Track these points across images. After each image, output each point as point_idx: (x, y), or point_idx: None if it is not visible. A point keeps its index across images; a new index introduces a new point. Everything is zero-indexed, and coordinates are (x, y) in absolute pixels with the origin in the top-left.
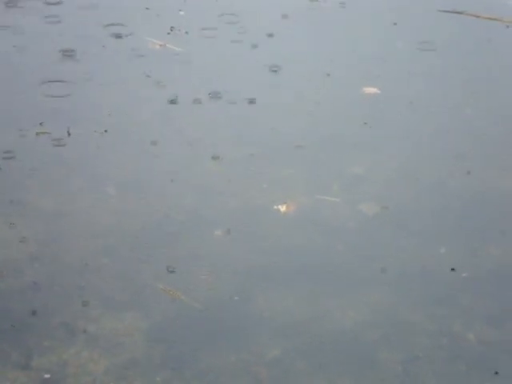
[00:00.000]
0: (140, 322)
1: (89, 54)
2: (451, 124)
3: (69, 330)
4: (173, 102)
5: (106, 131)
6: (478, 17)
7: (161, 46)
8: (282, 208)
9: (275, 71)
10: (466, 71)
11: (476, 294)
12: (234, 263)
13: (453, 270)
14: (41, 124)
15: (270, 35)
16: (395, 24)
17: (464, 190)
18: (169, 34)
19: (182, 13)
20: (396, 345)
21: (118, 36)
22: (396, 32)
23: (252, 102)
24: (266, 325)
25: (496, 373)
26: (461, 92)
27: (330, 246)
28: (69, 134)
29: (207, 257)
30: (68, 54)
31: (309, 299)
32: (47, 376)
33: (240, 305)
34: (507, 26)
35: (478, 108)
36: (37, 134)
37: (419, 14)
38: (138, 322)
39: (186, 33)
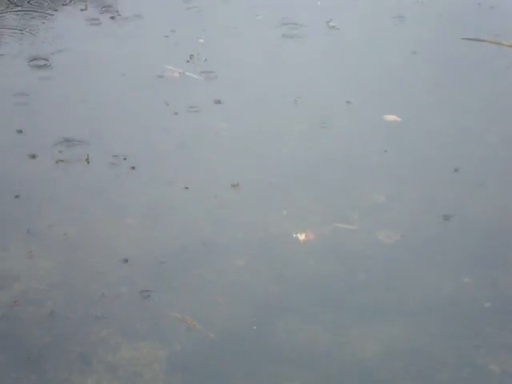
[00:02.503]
0: (158, 352)
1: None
2: (472, 151)
3: (87, 360)
4: (192, 129)
5: (124, 159)
6: (499, 44)
7: (180, 73)
8: (301, 236)
9: (295, 100)
10: (486, 98)
11: (499, 324)
12: (252, 292)
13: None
14: (60, 152)
15: (292, 62)
16: (414, 53)
17: (485, 218)
18: (188, 61)
19: (201, 41)
20: (417, 376)
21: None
22: (418, 60)
23: (271, 129)
24: (285, 355)
25: None
26: (482, 119)
27: (350, 275)
28: (88, 162)
29: (226, 285)
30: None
31: (328, 329)
32: None
33: (259, 334)
34: None
35: (500, 135)
36: (56, 161)
37: (441, 42)
38: (156, 351)
39: (205, 60)
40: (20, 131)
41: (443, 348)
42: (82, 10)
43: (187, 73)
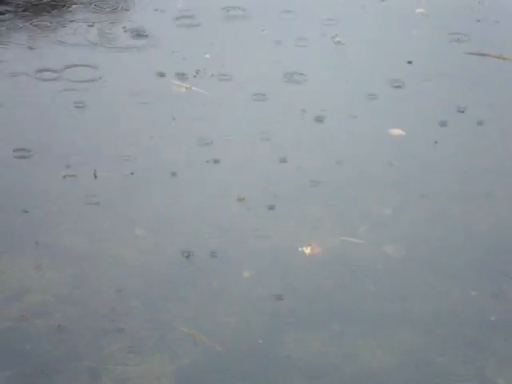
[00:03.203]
0: (167, 366)
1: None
2: (478, 163)
3: (96, 374)
4: (198, 143)
5: (132, 174)
6: (503, 59)
7: (187, 88)
8: (307, 249)
9: (302, 113)
10: (492, 111)
11: (506, 337)
12: (259, 304)
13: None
14: (67, 167)
15: (297, 76)
16: (410, 62)
17: (492, 230)
18: (195, 76)
19: (207, 56)
20: None
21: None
22: (421, 73)
23: (278, 141)
24: (293, 367)
25: None
26: (488, 131)
27: (357, 287)
28: (95, 177)
29: (232, 297)
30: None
31: (335, 341)
32: None
33: (266, 347)
34: None
35: (506, 147)
36: (64, 176)
37: (445, 55)
38: (164, 365)
39: (212, 76)
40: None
41: (451, 360)
42: (89, 25)
43: (194, 88)
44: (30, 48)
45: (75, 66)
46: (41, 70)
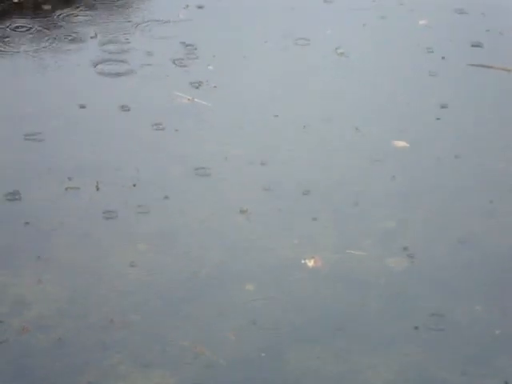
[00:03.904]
0: (168, 380)
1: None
2: (482, 178)
3: None
4: (200, 158)
5: (134, 185)
6: (507, 70)
7: (189, 100)
8: (310, 262)
9: (304, 126)
10: (495, 124)
11: (510, 352)
12: (262, 318)
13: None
14: (69, 179)
15: (299, 88)
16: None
17: (495, 245)
18: (197, 88)
19: (210, 67)
20: None
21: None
22: (427, 85)
23: (279, 156)
24: (295, 382)
25: None
26: (491, 145)
27: (360, 301)
28: (97, 189)
29: (235, 311)
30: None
31: (338, 357)
32: None
33: (269, 361)
34: None
35: (508, 162)
36: (66, 189)
37: (450, 68)
38: (166, 379)
39: (215, 87)
40: None
41: (456, 376)
42: (91, 37)
43: (196, 99)
44: None
45: None
46: None
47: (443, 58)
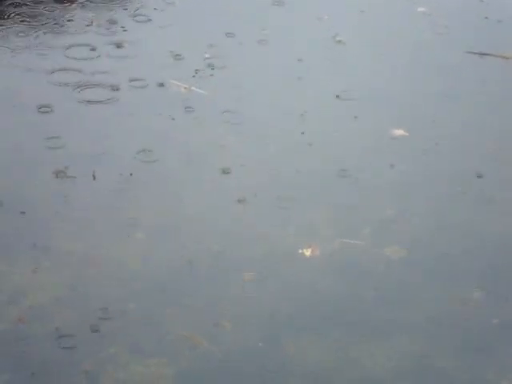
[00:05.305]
0: (165, 369)
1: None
2: (480, 168)
3: (93, 377)
4: (197, 145)
5: (131, 175)
6: (505, 58)
7: (185, 88)
8: (307, 252)
9: (302, 114)
10: (494, 111)
11: (509, 341)
12: (259, 307)
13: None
14: (66, 167)
15: (299, 78)
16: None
17: (494, 234)
18: (194, 76)
19: (207, 55)
20: None
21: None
22: (425, 73)
23: (279, 144)
24: (293, 371)
25: None
26: (489, 134)
27: (357, 290)
28: (94, 178)
29: (232, 300)
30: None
31: (337, 346)
32: None
33: (266, 351)
34: None
35: (508, 151)
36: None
37: (446, 56)
38: (163, 368)
39: (211, 75)
40: None
41: (454, 364)
42: (87, 25)
43: (193, 88)
44: None
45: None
46: None
47: (442, 45)
